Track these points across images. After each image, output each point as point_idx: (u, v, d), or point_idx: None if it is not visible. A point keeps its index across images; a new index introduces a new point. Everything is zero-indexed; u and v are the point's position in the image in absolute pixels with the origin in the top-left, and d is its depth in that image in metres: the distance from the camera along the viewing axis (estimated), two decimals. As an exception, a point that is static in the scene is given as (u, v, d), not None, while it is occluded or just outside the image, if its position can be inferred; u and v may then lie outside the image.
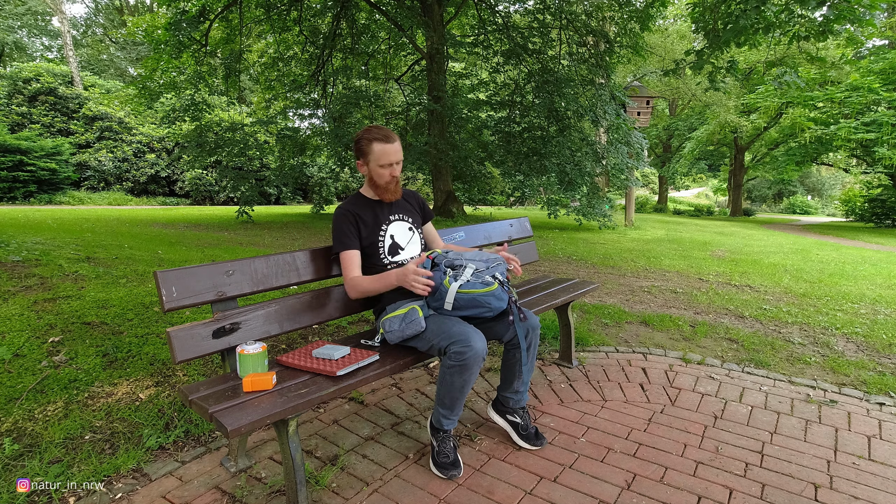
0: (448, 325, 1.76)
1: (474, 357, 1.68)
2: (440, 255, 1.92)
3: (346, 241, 1.95)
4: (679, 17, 23.01)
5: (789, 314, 4.06)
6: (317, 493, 1.68)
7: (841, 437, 2.10)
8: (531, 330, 1.91)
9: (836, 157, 20.30)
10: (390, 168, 1.97)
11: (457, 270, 1.85)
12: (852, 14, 5.06)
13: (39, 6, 26.49)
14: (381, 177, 1.98)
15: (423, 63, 12.50)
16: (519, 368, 1.95)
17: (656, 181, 32.45)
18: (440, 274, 1.85)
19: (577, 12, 10.92)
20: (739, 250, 8.36)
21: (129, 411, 2.08)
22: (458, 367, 1.70)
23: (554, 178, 10.24)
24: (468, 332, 1.71)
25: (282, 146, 12.05)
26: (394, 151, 1.95)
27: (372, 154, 1.95)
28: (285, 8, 11.37)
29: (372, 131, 1.95)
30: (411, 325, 1.80)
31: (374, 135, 1.94)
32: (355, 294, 1.94)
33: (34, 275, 3.53)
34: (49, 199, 13.99)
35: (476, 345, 1.68)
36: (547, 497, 1.68)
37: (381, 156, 1.94)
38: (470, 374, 1.72)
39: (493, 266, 1.89)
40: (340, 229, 1.96)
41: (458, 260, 1.89)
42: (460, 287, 1.80)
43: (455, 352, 1.69)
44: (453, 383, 1.74)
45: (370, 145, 1.94)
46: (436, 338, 1.76)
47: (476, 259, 1.89)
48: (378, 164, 1.96)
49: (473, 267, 1.86)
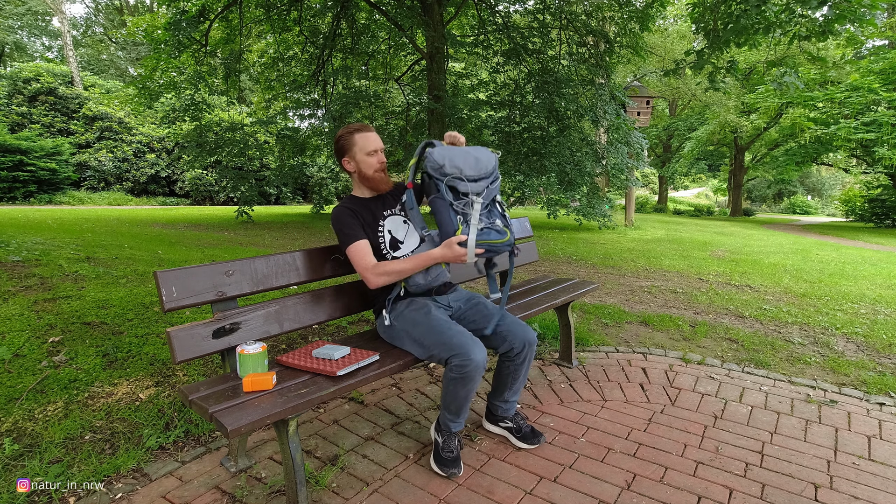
0: (448, 335, 1.75)
1: (475, 369, 1.69)
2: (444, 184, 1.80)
3: (353, 234, 1.89)
4: (679, 17, 23.00)
5: (789, 314, 4.06)
6: (317, 493, 1.68)
7: (841, 437, 2.10)
8: (527, 344, 1.89)
9: (836, 157, 20.29)
10: (377, 155, 1.95)
11: (464, 206, 1.77)
12: (853, 14, 5.05)
13: (39, 6, 26.48)
14: (371, 166, 1.95)
15: (423, 63, 12.48)
16: (511, 380, 1.96)
17: (656, 181, 32.44)
18: (450, 213, 1.77)
19: (577, 12, 10.91)
20: (739, 250, 8.36)
21: (129, 411, 2.08)
22: (460, 378, 1.71)
23: (554, 178, 10.23)
24: (468, 343, 1.71)
25: (282, 146, 12.04)
26: (375, 138, 1.95)
27: (356, 145, 1.93)
28: (285, 8, 11.36)
29: (352, 126, 1.95)
30: (439, 276, 1.93)
31: (355, 127, 1.94)
32: (381, 279, 1.84)
33: (34, 275, 3.53)
34: (49, 199, 13.98)
35: (476, 357, 1.69)
36: (547, 497, 1.68)
37: (366, 143, 1.93)
38: (473, 384, 1.73)
39: (493, 188, 1.84)
40: (345, 223, 1.91)
41: (459, 183, 1.78)
42: (478, 239, 1.73)
43: (456, 365, 1.70)
44: (457, 393, 1.75)
45: (352, 137, 1.93)
46: (436, 348, 1.76)
47: (470, 179, 1.79)
48: (365, 153, 1.93)
49: (481, 201, 1.78)
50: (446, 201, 1.78)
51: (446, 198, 1.78)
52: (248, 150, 11.53)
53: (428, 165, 1.84)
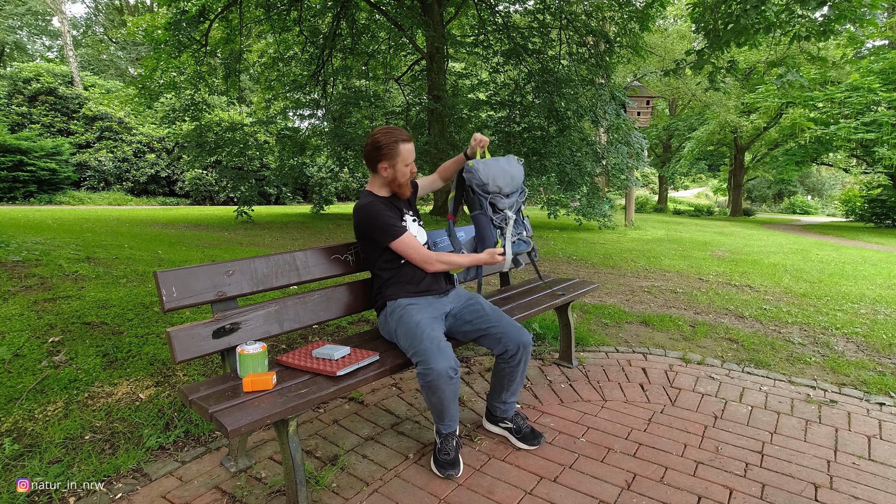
0: (418, 340, 1.77)
1: (437, 378, 1.68)
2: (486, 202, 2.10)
3: (399, 226, 1.96)
4: (679, 17, 23.01)
5: (789, 314, 4.06)
6: (317, 493, 1.68)
7: (841, 437, 2.10)
8: (522, 347, 1.90)
9: (836, 157, 20.28)
10: (411, 165, 2.03)
11: (501, 220, 2.10)
12: (853, 14, 5.05)
13: (39, 6, 26.49)
14: (404, 175, 2.01)
15: (423, 63, 12.49)
16: (508, 382, 1.97)
17: (656, 181, 32.44)
18: (490, 227, 2.10)
19: (577, 12, 10.92)
20: (739, 250, 8.36)
21: (129, 411, 2.08)
22: (425, 385, 1.72)
23: (554, 178, 10.24)
24: (431, 350, 1.71)
25: (282, 146, 12.04)
26: (413, 149, 2.03)
27: (400, 155, 1.97)
28: (285, 8, 11.36)
29: (394, 133, 1.96)
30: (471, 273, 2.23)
31: (399, 136, 1.96)
32: (440, 266, 1.98)
33: (34, 275, 3.53)
34: (49, 199, 13.98)
35: (438, 366, 1.68)
36: (547, 497, 1.68)
37: (408, 155, 1.99)
38: (441, 393, 1.71)
39: (521, 199, 2.20)
40: (388, 216, 1.95)
41: (499, 200, 2.11)
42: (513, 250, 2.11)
43: (420, 372, 1.72)
44: (429, 400, 1.76)
45: (397, 147, 1.95)
46: (410, 351, 1.80)
47: (506, 194, 2.14)
48: (405, 164, 1.99)
49: (513, 216, 2.12)
50: (488, 217, 2.10)
51: (488, 213, 2.10)
52: (248, 150, 11.53)
53: (473, 182, 2.08)
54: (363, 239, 2.02)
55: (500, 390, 2.01)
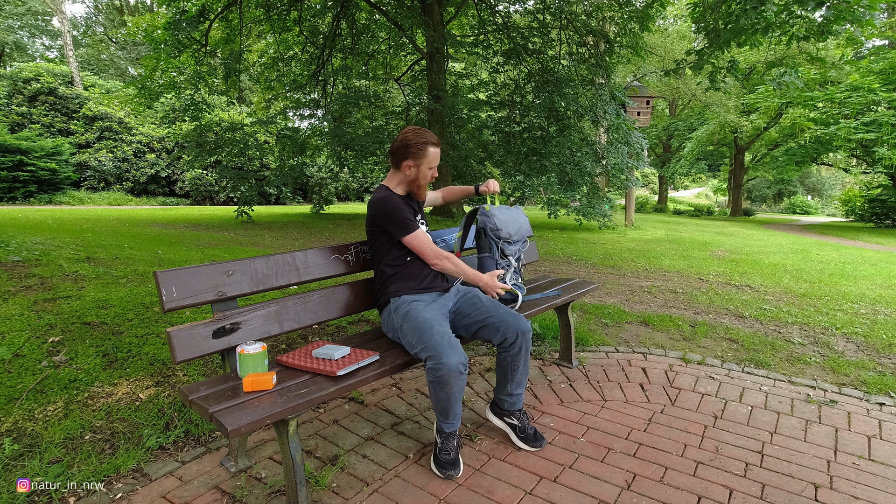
0: (428, 335, 1.77)
1: (448, 373, 1.69)
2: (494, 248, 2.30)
3: (414, 222, 1.99)
4: (679, 17, 23.00)
5: (789, 314, 4.06)
6: (317, 493, 1.68)
7: (841, 437, 2.10)
8: (520, 334, 1.91)
9: (836, 157, 20.29)
10: (434, 170, 2.06)
11: (505, 265, 2.31)
12: (851, 14, 5.05)
13: (39, 6, 26.48)
14: (426, 177, 2.04)
15: (423, 63, 12.48)
16: (511, 372, 1.97)
17: (656, 181, 32.45)
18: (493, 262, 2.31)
19: (577, 12, 10.91)
20: (739, 250, 8.36)
21: (129, 411, 2.08)
22: (435, 381, 1.72)
23: (554, 178, 10.23)
24: (442, 345, 1.72)
25: (282, 146, 12.04)
26: (439, 154, 2.06)
27: (427, 157, 1.99)
28: (285, 8, 11.36)
29: (425, 135, 1.98)
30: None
31: (429, 139, 1.98)
32: (449, 265, 2.00)
33: (34, 275, 3.53)
34: (49, 199, 13.98)
35: (449, 360, 1.68)
36: (547, 497, 1.68)
37: (434, 159, 2.01)
38: (451, 388, 1.72)
39: (523, 248, 2.38)
40: (405, 211, 1.98)
41: (507, 247, 2.30)
42: None
43: (429, 367, 1.72)
44: (437, 396, 1.76)
45: (427, 149, 1.98)
46: (418, 346, 1.80)
47: (513, 242, 2.33)
48: (429, 167, 2.02)
49: (515, 264, 2.31)
50: (494, 261, 2.29)
51: (495, 257, 2.29)
52: (248, 150, 11.53)
53: (488, 226, 2.28)
54: (376, 231, 2.02)
55: (504, 382, 2.00)
